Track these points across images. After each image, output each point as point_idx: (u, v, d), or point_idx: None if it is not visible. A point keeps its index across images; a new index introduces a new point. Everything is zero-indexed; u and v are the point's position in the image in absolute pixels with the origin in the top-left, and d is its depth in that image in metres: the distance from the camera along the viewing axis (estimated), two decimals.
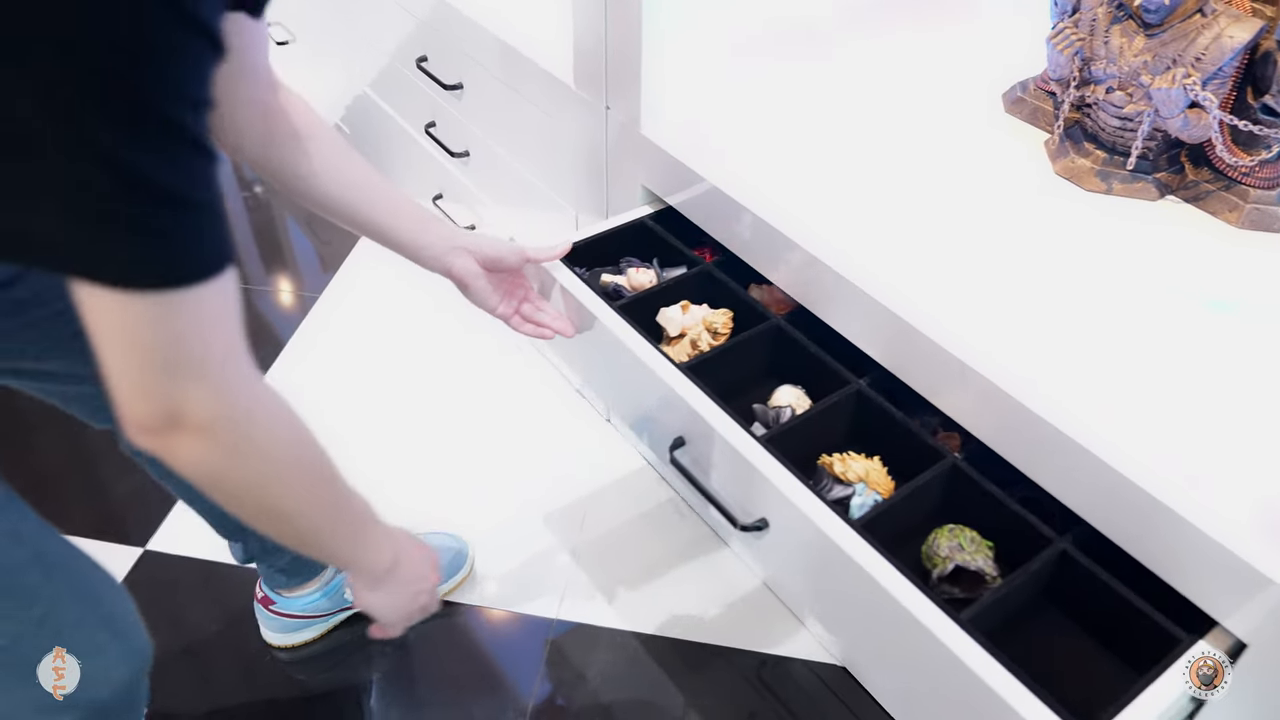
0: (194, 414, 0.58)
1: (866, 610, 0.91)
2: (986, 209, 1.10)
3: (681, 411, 1.02)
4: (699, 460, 1.05)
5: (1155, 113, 1.01)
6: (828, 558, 0.89)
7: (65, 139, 0.49)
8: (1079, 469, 0.84)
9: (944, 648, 0.79)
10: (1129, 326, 0.95)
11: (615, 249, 1.29)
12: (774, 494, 0.93)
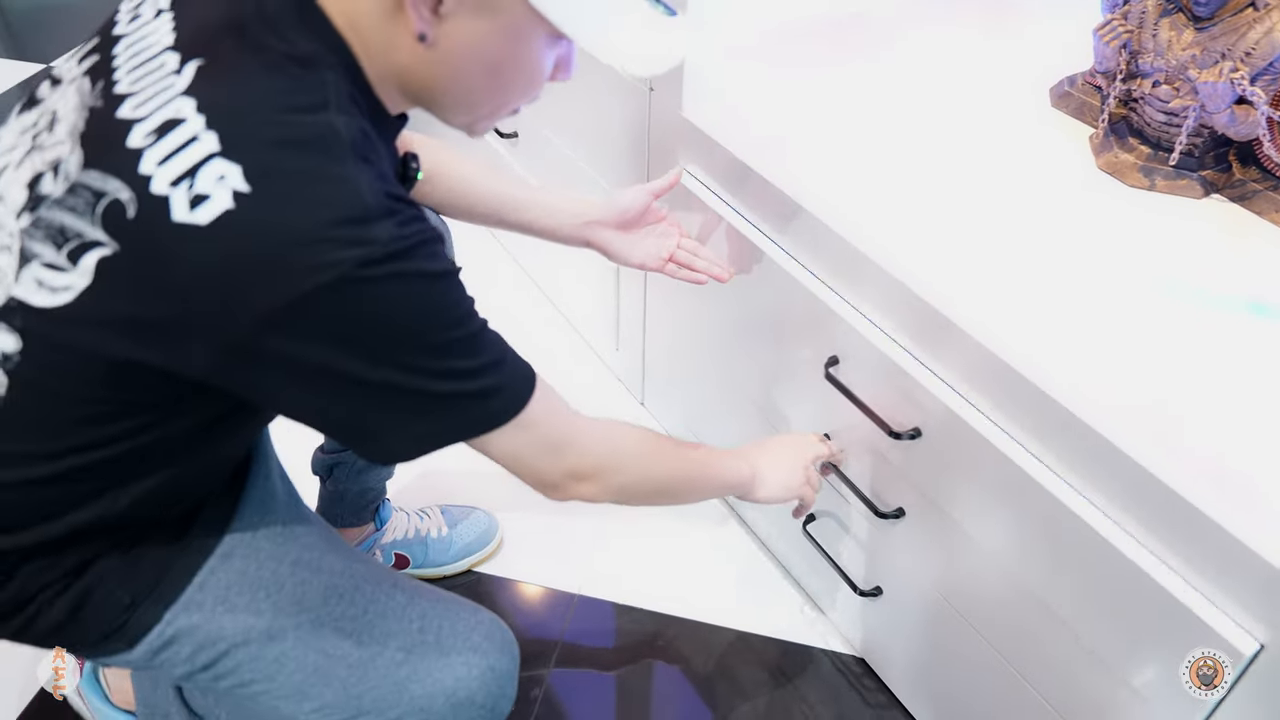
0: (581, 469, 0.84)
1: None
2: (1028, 203, 1.08)
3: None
4: None
5: (1201, 108, 0.99)
6: None
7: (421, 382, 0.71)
8: (1116, 474, 0.83)
9: None
10: (1167, 326, 0.93)
11: None
12: None
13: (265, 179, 0.64)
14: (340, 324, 0.66)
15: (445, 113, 0.78)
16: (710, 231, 1.24)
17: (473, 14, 0.68)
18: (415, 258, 0.68)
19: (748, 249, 1.18)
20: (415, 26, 0.68)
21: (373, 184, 0.67)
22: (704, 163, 1.24)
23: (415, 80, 0.73)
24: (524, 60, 0.73)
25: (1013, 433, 0.92)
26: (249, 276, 0.64)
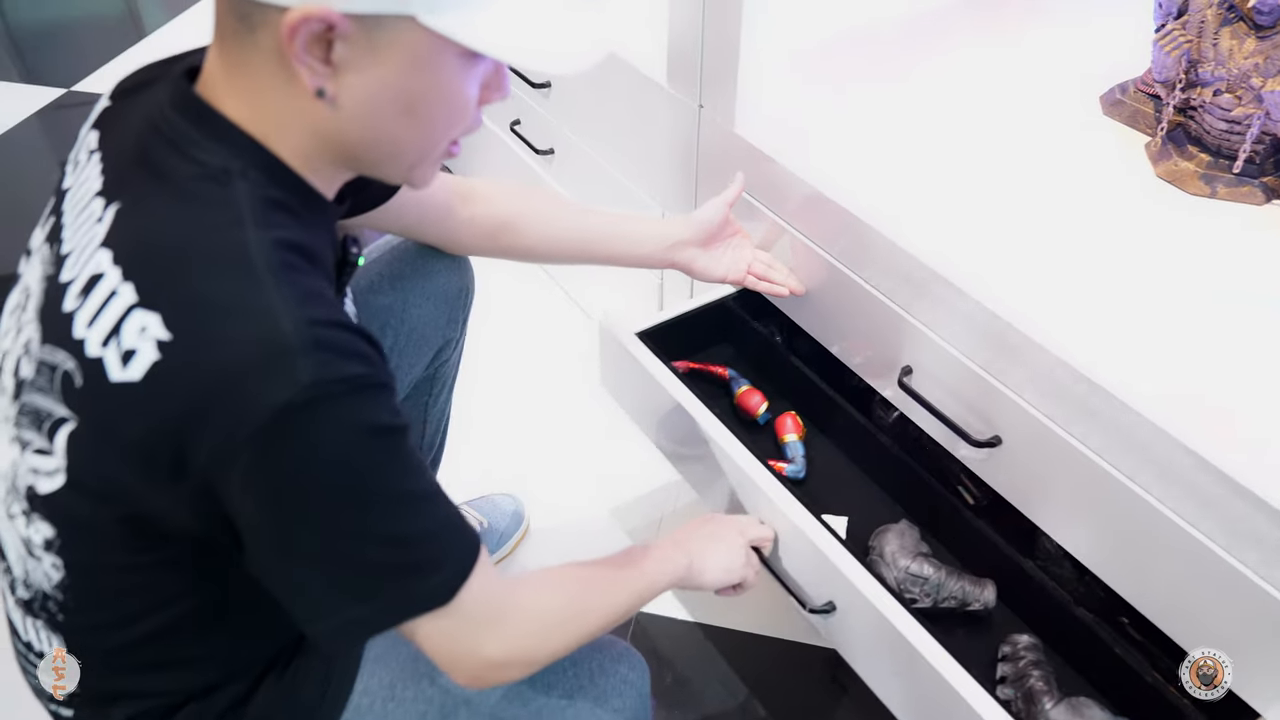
0: (504, 654, 0.76)
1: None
2: (1089, 212, 1.09)
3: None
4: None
5: (1266, 115, 1.00)
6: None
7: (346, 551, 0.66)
8: (1187, 479, 0.84)
9: None
10: (1234, 333, 0.94)
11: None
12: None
13: (183, 324, 0.61)
14: (262, 477, 0.62)
15: (378, 170, 0.72)
16: (773, 242, 1.24)
17: (368, 55, 0.63)
18: (343, 401, 0.62)
19: (811, 260, 1.18)
20: (310, 85, 0.63)
21: (296, 312, 0.61)
22: (758, 180, 1.24)
23: (336, 144, 0.68)
24: (440, 90, 0.66)
25: (1088, 440, 0.93)
26: (184, 429, 0.61)
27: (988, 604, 1.03)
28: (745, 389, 1.29)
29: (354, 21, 0.60)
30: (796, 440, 1.23)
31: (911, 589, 1.04)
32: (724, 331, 1.38)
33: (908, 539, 1.08)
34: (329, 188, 0.72)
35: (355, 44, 0.62)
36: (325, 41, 0.61)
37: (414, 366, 1.14)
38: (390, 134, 0.68)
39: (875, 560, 1.06)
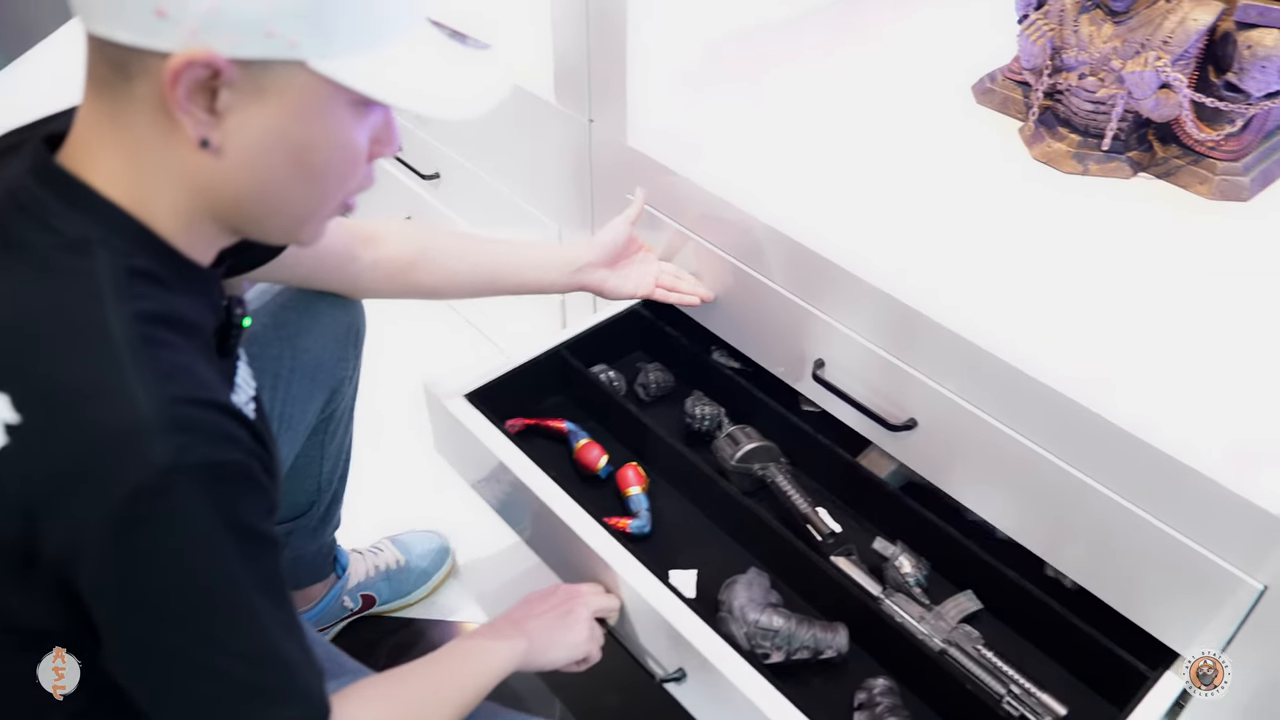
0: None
1: None
2: (975, 196, 1.14)
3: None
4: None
5: (1128, 95, 1.07)
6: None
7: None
8: (1084, 435, 0.89)
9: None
10: (1115, 296, 1.00)
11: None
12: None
13: (34, 405, 0.58)
14: (113, 570, 0.58)
15: (264, 227, 0.68)
16: (676, 251, 1.25)
17: (255, 102, 0.59)
18: (203, 488, 0.58)
19: (716, 265, 1.20)
20: (193, 134, 0.59)
21: (156, 390, 0.58)
22: (655, 190, 1.25)
23: (219, 201, 0.64)
24: (331, 140, 0.63)
25: (997, 414, 0.97)
26: (34, 518, 0.58)
27: (840, 649, 1.01)
28: (584, 443, 1.22)
29: (240, 67, 0.58)
30: (640, 493, 1.16)
31: (763, 643, 1.00)
32: (563, 381, 1.30)
33: (756, 590, 1.04)
34: (207, 251, 0.68)
35: (241, 91, 0.59)
36: (209, 89, 0.58)
37: (308, 411, 1.12)
38: (279, 187, 0.64)
39: (724, 617, 1.02)
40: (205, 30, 0.56)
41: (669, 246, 1.26)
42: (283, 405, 1.06)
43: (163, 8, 0.56)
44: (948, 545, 1.06)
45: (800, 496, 1.11)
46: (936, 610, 1.02)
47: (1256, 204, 1.11)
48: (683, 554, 1.14)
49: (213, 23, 0.56)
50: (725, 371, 1.27)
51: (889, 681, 0.98)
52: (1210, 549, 0.85)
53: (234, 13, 0.56)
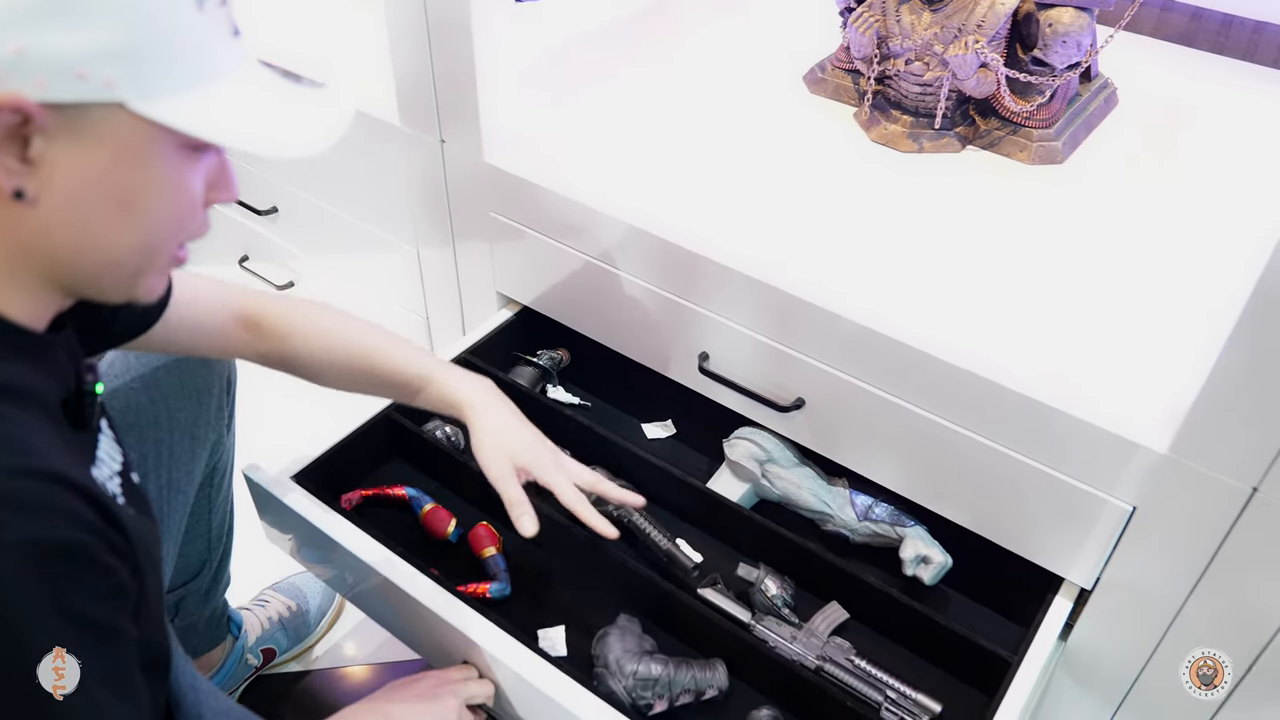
0: None
1: None
2: (825, 182, 1.21)
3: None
4: None
5: (953, 76, 1.16)
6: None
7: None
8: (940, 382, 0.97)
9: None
10: (962, 256, 1.09)
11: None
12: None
13: None
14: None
15: (97, 284, 0.63)
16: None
17: (72, 148, 0.56)
18: (26, 571, 0.54)
19: (587, 271, 1.22)
20: (5, 185, 0.55)
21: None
22: (517, 205, 1.26)
23: (42, 257, 0.59)
24: (158, 185, 0.60)
25: (877, 382, 1.03)
26: None
27: (721, 686, 1.00)
28: (429, 508, 1.16)
29: (53, 111, 0.54)
30: (495, 553, 1.13)
31: (644, 694, 0.98)
32: (398, 444, 1.25)
33: (629, 639, 1.02)
34: (40, 315, 0.63)
35: (55, 138, 0.55)
36: (21, 136, 0.54)
37: (194, 471, 1.06)
38: (104, 240, 0.60)
39: (601, 673, 1.00)
40: (11, 73, 0.52)
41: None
42: (169, 471, 1.00)
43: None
44: (808, 560, 1.09)
45: (658, 532, 1.11)
46: (806, 627, 1.04)
47: (1070, 165, 1.23)
48: (548, 610, 1.11)
49: (18, 65, 0.52)
50: (565, 412, 1.25)
51: (773, 711, 0.99)
52: (1077, 478, 0.95)
53: (41, 54, 0.52)
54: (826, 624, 1.05)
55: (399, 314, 1.59)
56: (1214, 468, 0.86)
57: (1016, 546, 1.04)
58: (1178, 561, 0.93)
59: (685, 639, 1.07)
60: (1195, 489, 0.88)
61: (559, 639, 1.08)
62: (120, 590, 0.60)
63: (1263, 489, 0.84)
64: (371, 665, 1.39)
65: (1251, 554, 0.88)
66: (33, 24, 0.52)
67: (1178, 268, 1.08)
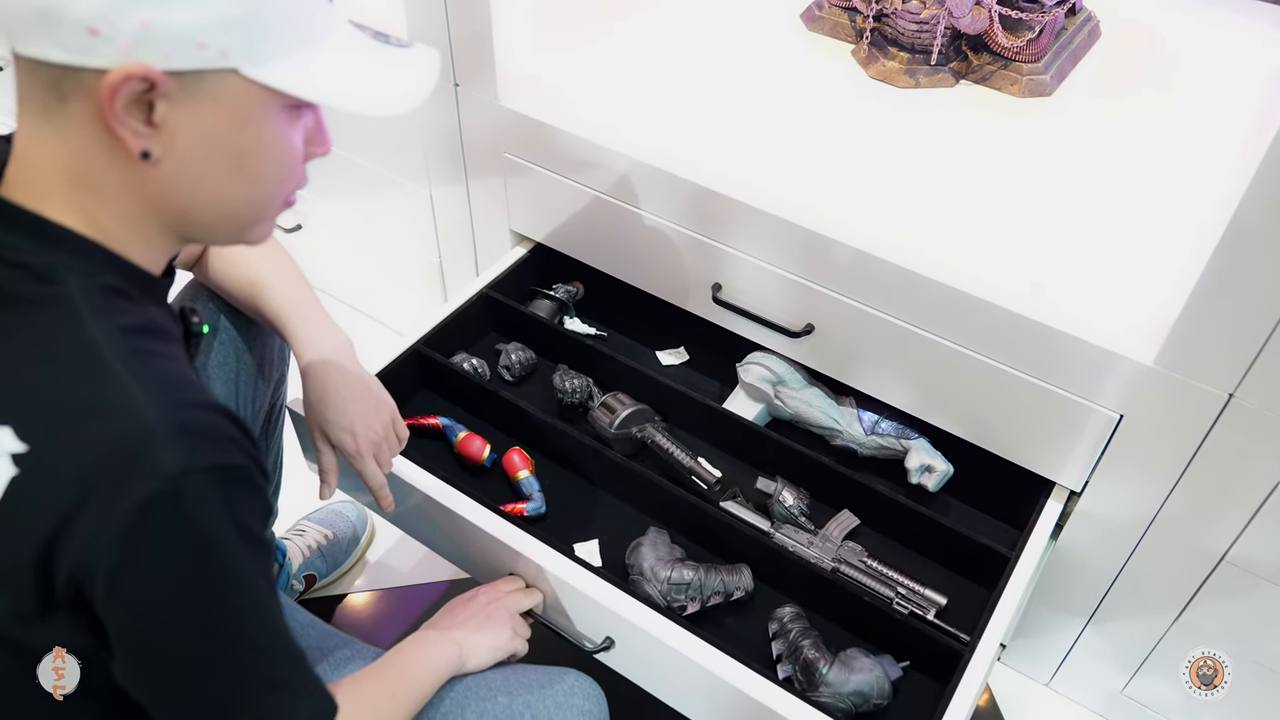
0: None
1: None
2: (828, 116, 1.27)
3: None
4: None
5: (949, 14, 1.21)
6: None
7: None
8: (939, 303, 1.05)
9: None
10: (963, 188, 1.16)
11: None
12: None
13: (37, 432, 0.60)
14: (128, 577, 0.60)
15: (209, 232, 0.70)
16: None
17: (190, 112, 0.61)
18: (212, 492, 0.60)
19: (602, 208, 1.28)
20: (133, 148, 0.61)
21: (158, 399, 0.60)
22: (532, 145, 1.31)
23: (166, 210, 0.65)
24: (267, 143, 0.65)
25: (884, 306, 1.11)
26: (51, 538, 0.59)
27: (747, 588, 1.09)
28: (463, 436, 1.23)
29: (174, 78, 0.59)
30: (529, 475, 1.20)
31: (678, 597, 1.07)
32: (427, 377, 1.32)
33: (661, 548, 1.10)
34: (158, 261, 0.69)
35: (177, 102, 0.60)
36: (146, 102, 0.60)
37: (259, 408, 1.12)
38: (221, 193, 0.66)
39: (637, 580, 1.08)
40: (138, 45, 0.58)
41: None
42: (239, 409, 1.06)
43: (95, 26, 0.57)
44: (820, 472, 1.18)
45: (680, 451, 1.19)
46: (821, 533, 1.13)
47: (1058, 97, 1.29)
48: (581, 527, 1.19)
49: (145, 37, 0.58)
50: (584, 341, 1.32)
51: (795, 608, 1.09)
52: (1069, 390, 1.03)
53: (166, 27, 0.58)
54: (840, 530, 1.14)
55: (411, 254, 1.64)
56: (1195, 376, 0.95)
57: (1012, 455, 1.13)
58: (1160, 463, 1.03)
59: (711, 547, 1.16)
60: (1178, 397, 0.97)
61: (594, 551, 1.16)
62: (267, 509, 0.68)
63: (1238, 394, 0.93)
64: (402, 588, 1.47)
65: (1227, 453, 0.98)
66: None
67: (1160, 191, 1.16)
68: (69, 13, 0.57)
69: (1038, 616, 1.26)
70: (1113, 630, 1.21)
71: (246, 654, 0.65)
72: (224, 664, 0.65)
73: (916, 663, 1.06)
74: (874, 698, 1.00)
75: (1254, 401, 0.93)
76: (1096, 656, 1.26)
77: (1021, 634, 1.31)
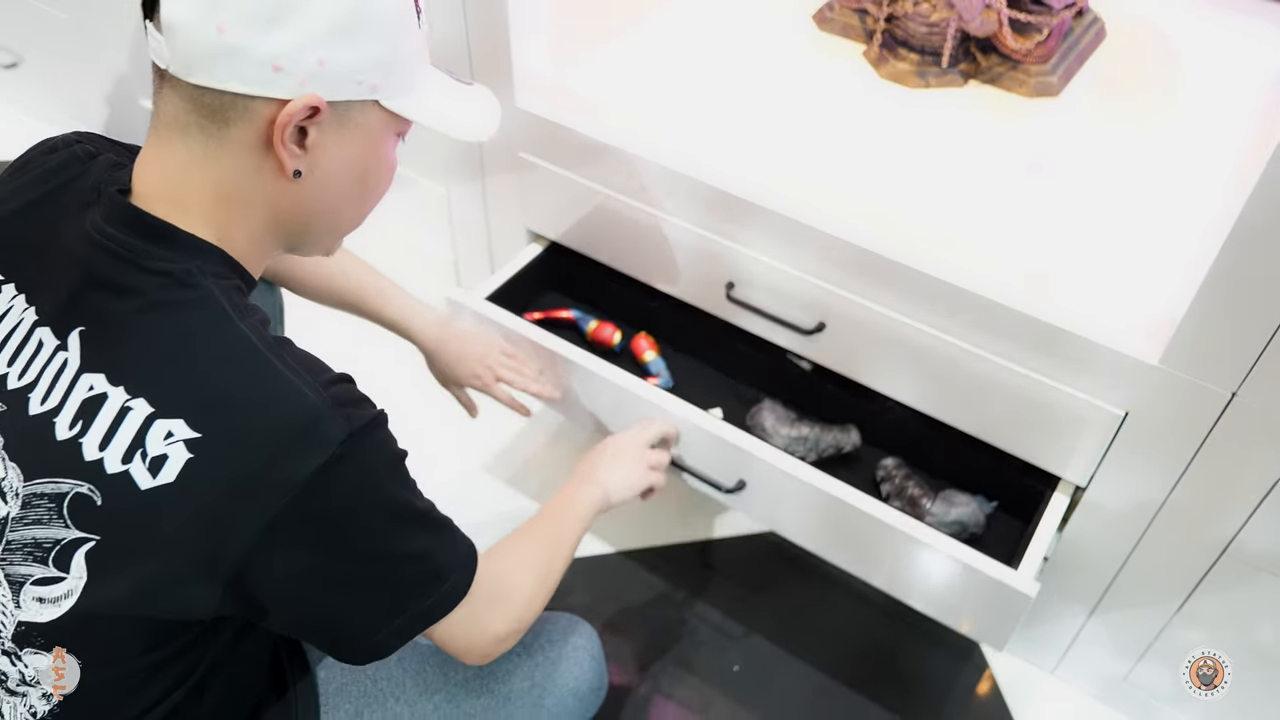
0: (509, 623, 0.87)
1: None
2: (843, 117, 1.29)
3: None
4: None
5: (959, 17, 1.24)
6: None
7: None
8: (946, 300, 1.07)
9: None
10: (974, 188, 1.19)
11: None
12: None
13: (209, 421, 0.66)
14: (312, 529, 0.68)
15: (319, 241, 0.80)
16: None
17: (335, 136, 0.71)
18: (368, 449, 0.70)
19: (623, 210, 1.30)
20: (288, 166, 0.70)
21: (309, 380, 0.68)
22: (547, 146, 1.33)
23: (292, 224, 0.75)
24: (382, 160, 0.77)
25: (892, 304, 1.14)
26: (226, 513, 0.66)
27: (856, 444, 1.28)
28: (595, 324, 1.41)
29: (332, 107, 0.70)
30: (656, 356, 1.39)
31: (797, 449, 1.25)
32: (555, 278, 1.49)
33: (780, 410, 1.30)
34: (259, 270, 0.78)
35: (327, 128, 0.71)
36: (301, 128, 0.70)
37: None
38: (341, 206, 0.77)
39: (761, 436, 1.25)
40: (312, 80, 0.68)
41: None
42: None
43: (279, 63, 0.67)
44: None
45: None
46: None
47: (1064, 97, 1.32)
48: (704, 400, 1.34)
49: (319, 73, 0.68)
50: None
51: (898, 459, 1.27)
52: (1077, 388, 1.06)
53: (335, 65, 0.69)
54: None
55: (427, 252, 1.66)
56: (1199, 375, 0.97)
57: (1020, 451, 1.16)
58: (1164, 458, 1.06)
59: (819, 415, 1.33)
60: (1182, 395, 0.99)
61: (718, 416, 1.32)
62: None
63: (1241, 393, 0.96)
64: None
65: (1229, 450, 1.01)
66: (332, 42, 0.68)
67: (1166, 190, 1.18)
68: (256, 51, 0.66)
69: (1044, 605, 1.29)
70: (1116, 620, 1.24)
71: (411, 560, 0.76)
72: (396, 574, 0.75)
73: (1003, 506, 1.23)
74: (970, 526, 1.19)
75: (1256, 401, 0.95)
76: (1100, 645, 1.29)
77: (1027, 622, 1.34)
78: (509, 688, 0.97)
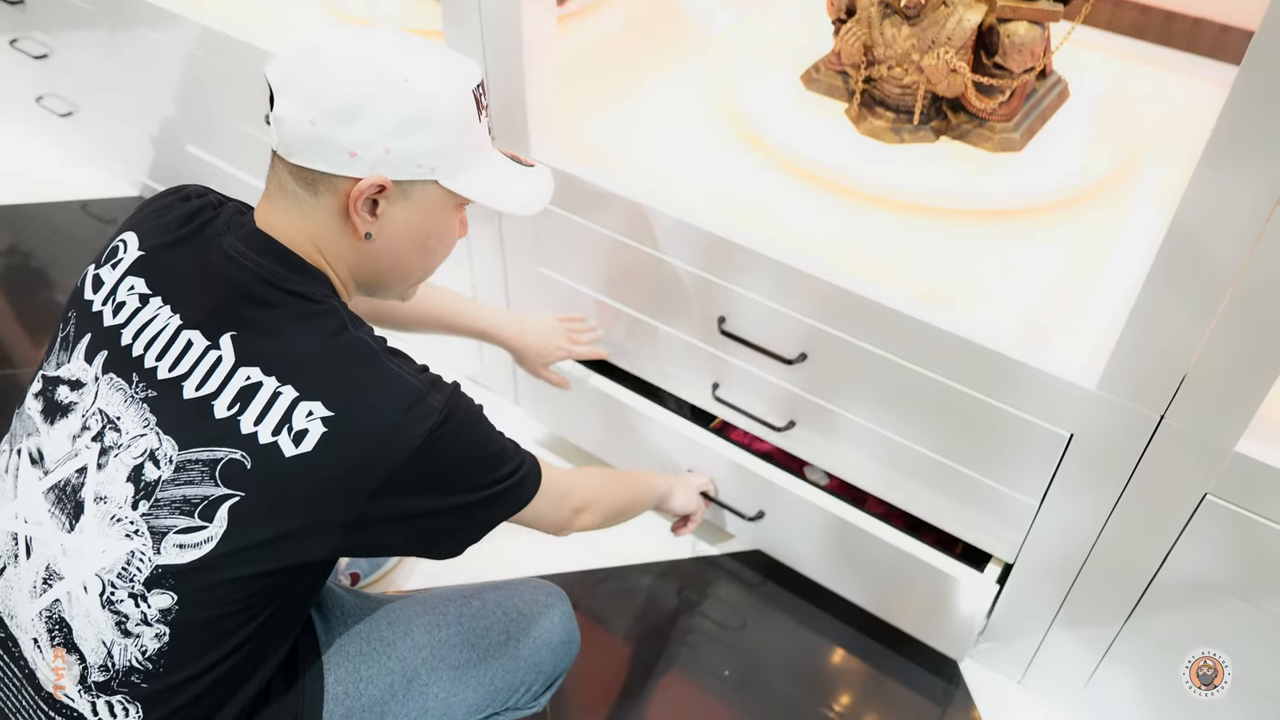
0: (579, 507, 1.13)
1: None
2: (829, 168, 1.43)
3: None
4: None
5: (928, 80, 1.37)
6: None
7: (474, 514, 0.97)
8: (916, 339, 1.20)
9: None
10: (940, 231, 1.32)
11: None
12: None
13: (342, 402, 0.85)
14: (424, 478, 0.88)
15: (390, 290, 1.01)
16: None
17: (401, 208, 0.92)
18: (459, 410, 0.91)
19: (623, 251, 1.44)
20: (360, 230, 0.91)
21: (412, 370, 0.89)
22: (559, 194, 1.47)
23: (366, 273, 0.96)
24: (444, 229, 0.97)
25: (871, 340, 1.26)
26: (355, 474, 0.85)
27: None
28: None
29: (396, 185, 0.90)
30: None
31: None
32: None
33: None
34: (350, 301, 0.99)
35: (393, 201, 0.91)
36: (373, 200, 0.90)
37: None
38: (408, 263, 0.98)
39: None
40: (380, 163, 0.88)
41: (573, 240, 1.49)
42: None
43: (355, 150, 0.87)
44: None
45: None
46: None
47: (1027, 152, 1.45)
48: None
49: (386, 159, 0.89)
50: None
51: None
52: (1026, 412, 1.18)
53: (400, 152, 0.89)
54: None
55: (449, 287, 1.80)
56: (1131, 399, 1.09)
57: (978, 472, 1.28)
58: (1106, 478, 1.17)
59: None
60: (1118, 418, 1.11)
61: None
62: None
63: (1168, 416, 1.08)
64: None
65: (1160, 470, 1.12)
66: (397, 135, 0.88)
67: (1110, 237, 1.31)
68: (337, 141, 0.86)
69: (1007, 620, 1.40)
70: (1073, 633, 1.35)
71: (501, 482, 0.97)
72: (491, 495, 0.96)
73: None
74: None
75: (1182, 423, 1.07)
76: (1061, 656, 1.40)
77: (992, 637, 1.45)
78: (488, 641, 1.11)
